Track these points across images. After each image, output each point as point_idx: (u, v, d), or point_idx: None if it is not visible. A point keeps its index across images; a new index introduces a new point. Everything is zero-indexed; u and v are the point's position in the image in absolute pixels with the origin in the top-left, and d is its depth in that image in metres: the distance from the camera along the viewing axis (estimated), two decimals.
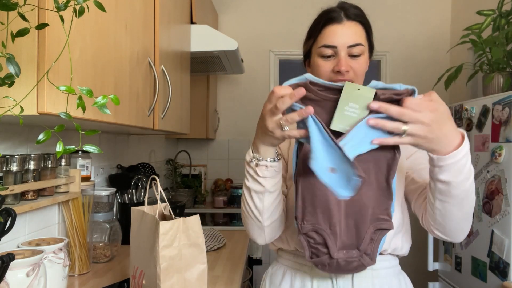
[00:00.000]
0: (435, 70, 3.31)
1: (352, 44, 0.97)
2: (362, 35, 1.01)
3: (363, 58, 1.00)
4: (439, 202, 0.87)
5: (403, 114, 0.74)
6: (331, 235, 0.88)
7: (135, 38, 1.24)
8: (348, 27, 0.98)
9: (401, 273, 1.07)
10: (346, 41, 0.97)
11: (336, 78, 0.97)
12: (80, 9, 0.70)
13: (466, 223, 0.93)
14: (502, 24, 2.11)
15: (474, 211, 2.05)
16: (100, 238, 1.52)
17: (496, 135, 1.87)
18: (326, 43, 0.99)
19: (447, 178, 0.82)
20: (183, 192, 2.95)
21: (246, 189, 0.95)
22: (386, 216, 0.89)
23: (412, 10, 3.35)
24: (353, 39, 0.98)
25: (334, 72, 0.98)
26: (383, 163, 0.85)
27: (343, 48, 0.97)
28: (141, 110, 1.30)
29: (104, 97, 0.71)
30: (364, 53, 1.01)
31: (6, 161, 1.04)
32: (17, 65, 0.67)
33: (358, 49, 0.98)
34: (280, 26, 3.35)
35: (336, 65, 0.97)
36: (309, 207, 0.88)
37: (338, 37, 0.98)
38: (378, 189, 0.87)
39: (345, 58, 0.97)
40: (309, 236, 0.89)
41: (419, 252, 3.30)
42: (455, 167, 0.80)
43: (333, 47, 0.98)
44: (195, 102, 2.86)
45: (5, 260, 0.81)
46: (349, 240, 0.89)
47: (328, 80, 0.93)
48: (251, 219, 0.96)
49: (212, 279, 1.36)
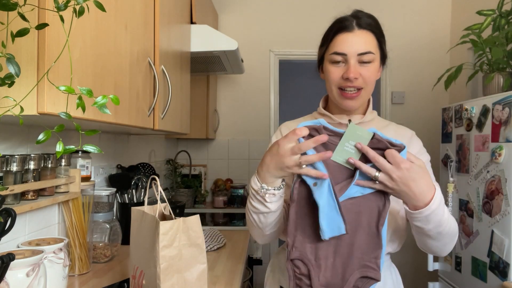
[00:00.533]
0: (435, 70, 3.31)
1: (362, 52, 1.01)
2: (373, 44, 1.03)
3: (373, 66, 1.03)
4: (416, 234, 0.98)
5: (376, 160, 0.83)
6: (315, 268, 0.90)
7: (135, 38, 1.24)
8: (359, 36, 1.02)
9: (392, 265, 1.14)
10: (356, 49, 1.01)
11: (345, 84, 1.02)
12: (80, 9, 0.70)
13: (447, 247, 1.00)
14: (502, 24, 2.11)
15: (474, 211, 2.05)
16: (100, 238, 1.52)
17: (496, 135, 1.87)
18: (337, 50, 1.02)
19: (418, 224, 0.91)
20: (183, 192, 2.95)
21: (252, 208, 0.99)
22: (374, 265, 0.90)
23: (412, 10, 3.35)
24: (363, 47, 1.01)
25: (343, 78, 1.02)
26: (374, 210, 0.89)
27: (353, 56, 1.01)
28: (141, 110, 1.30)
29: (104, 97, 0.71)
30: (374, 61, 1.03)
31: (6, 161, 1.04)
32: (17, 65, 0.67)
33: (368, 57, 1.01)
34: (280, 26, 3.35)
35: (345, 72, 1.01)
36: (300, 236, 0.91)
37: (348, 44, 1.01)
38: (369, 234, 0.90)
39: (354, 65, 1.01)
40: (295, 264, 0.92)
41: (419, 252, 3.30)
42: (424, 219, 0.89)
43: (343, 54, 1.01)
44: (195, 102, 2.86)
45: (5, 260, 0.81)
46: (333, 279, 0.90)
47: (337, 86, 1.04)
48: (254, 227, 1.04)
49: (212, 279, 1.36)
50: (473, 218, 2.06)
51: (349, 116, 1.11)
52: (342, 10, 1.12)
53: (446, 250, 1.01)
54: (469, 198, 2.10)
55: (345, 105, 1.06)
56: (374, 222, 0.89)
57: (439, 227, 0.92)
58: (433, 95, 3.32)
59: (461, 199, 2.19)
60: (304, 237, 0.91)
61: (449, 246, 1.00)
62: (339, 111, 1.12)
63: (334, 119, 1.10)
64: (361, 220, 0.89)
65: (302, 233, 0.91)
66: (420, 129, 3.36)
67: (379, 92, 3.42)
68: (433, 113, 3.35)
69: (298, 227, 0.92)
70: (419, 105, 3.38)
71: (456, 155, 2.26)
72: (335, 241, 0.90)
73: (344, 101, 1.05)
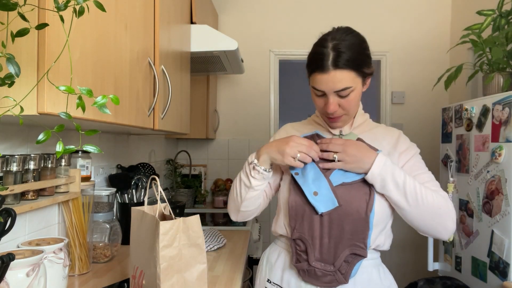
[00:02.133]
0: (435, 70, 3.31)
1: (338, 89, 1.06)
2: (349, 79, 1.05)
3: (352, 95, 1.08)
4: (397, 209, 1.10)
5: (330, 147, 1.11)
6: (312, 246, 1.09)
7: (135, 38, 1.24)
8: (334, 76, 1.04)
9: (381, 265, 1.18)
10: (331, 88, 1.06)
11: (328, 116, 1.12)
12: (80, 9, 0.70)
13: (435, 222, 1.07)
14: (502, 24, 2.11)
15: (474, 211, 2.05)
16: (100, 238, 1.52)
17: (496, 135, 1.87)
18: (315, 87, 1.09)
19: (381, 191, 1.07)
20: (183, 192, 2.95)
21: (239, 177, 1.18)
22: (362, 244, 1.07)
23: (412, 10, 3.35)
24: (339, 86, 1.05)
25: (325, 110, 1.11)
26: (362, 198, 1.07)
27: (330, 93, 1.07)
28: (141, 110, 1.30)
29: (104, 97, 0.71)
30: (354, 91, 1.08)
31: (6, 161, 1.04)
32: (17, 65, 0.67)
33: (345, 92, 1.06)
34: (280, 26, 3.35)
35: (325, 105, 1.09)
36: (299, 220, 1.11)
37: (323, 85, 1.06)
38: (358, 219, 1.06)
39: (333, 101, 1.08)
40: (297, 243, 1.11)
41: (419, 252, 3.31)
42: (379, 179, 1.06)
43: (321, 91, 1.08)
44: (195, 102, 2.86)
45: (5, 260, 0.81)
46: (327, 256, 1.08)
47: (322, 113, 1.16)
48: (233, 199, 1.21)
49: (212, 279, 1.36)
50: (473, 218, 2.06)
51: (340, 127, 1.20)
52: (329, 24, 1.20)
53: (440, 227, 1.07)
54: (469, 198, 2.10)
55: (331, 126, 1.18)
56: (362, 209, 1.06)
57: (405, 195, 1.04)
58: (433, 95, 3.32)
59: (461, 199, 2.19)
60: (302, 221, 1.10)
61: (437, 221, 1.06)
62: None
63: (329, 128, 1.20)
64: (351, 207, 1.06)
65: (301, 217, 1.10)
66: (420, 129, 3.38)
67: (379, 92, 3.42)
68: (433, 113, 3.35)
69: (297, 213, 1.11)
70: (419, 105, 3.38)
71: (456, 155, 2.26)
72: (329, 224, 1.07)
73: (331, 124, 1.17)
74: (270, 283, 1.20)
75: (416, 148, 1.19)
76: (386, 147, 1.15)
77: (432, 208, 1.05)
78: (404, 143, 1.18)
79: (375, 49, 3.35)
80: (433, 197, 1.05)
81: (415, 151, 1.17)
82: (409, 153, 1.16)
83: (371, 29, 3.33)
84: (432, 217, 1.05)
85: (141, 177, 1.89)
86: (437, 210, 1.05)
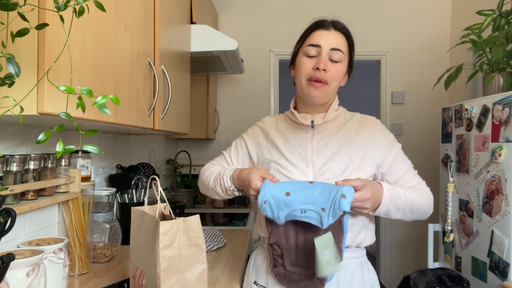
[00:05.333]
0: (435, 70, 3.31)
1: (334, 47, 1.13)
2: (344, 45, 1.15)
3: (341, 66, 1.14)
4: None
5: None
6: (287, 250, 1.08)
7: (135, 38, 1.24)
8: (333, 34, 1.14)
9: (366, 262, 1.20)
10: (329, 43, 1.13)
11: (315, 75, 1.12)
12: (80, 9, 0.70)
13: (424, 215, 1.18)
14: (502, 24, 2.11)
15: (474, 211, 2.05)
16: (100, 238, 1.52)
17: (496, 135, 1.87)
18: (312, 42, 1.14)
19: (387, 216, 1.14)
20: (183, 192, 2.95)
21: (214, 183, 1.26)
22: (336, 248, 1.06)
23: (412, 10, 3.35)
24: (336, 44, 1.13)
25: (313, 69, 1.12)
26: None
27: (326, 49, 1.12)
28: (141, 110, 1.30)
29: (104, 97, 0.71)
30: (342, 62, 1.14)
31: (6, 161, 1.04)
32: (17, 65, 0.67)
33: (338, 54, 1.13)
34: (280, 26, 3.35)
35: (317, 63, 1.12)
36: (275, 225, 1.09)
37: (323, 38, 1.13)
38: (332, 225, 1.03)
39: (325, 58, 1.12)
40: (273, 247, 1.11)
41: (419, 252, 3.31)
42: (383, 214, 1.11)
43: (317, 46, 1.13)
44: (195, 102, 2.86)
45: (5, 260, 0.81)
46: (302, 261, 1.07)
47: (306, 77, 1.14)
48: (203, 184, 1.33)
49: (212, 279, 1.36)
50: (473, 218, 2.06)
51: (313, 116, 1.19)
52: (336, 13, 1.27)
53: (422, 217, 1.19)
54: (469, 198, 2.10)
55: (311, 94, 1.14)
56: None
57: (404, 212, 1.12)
58: (433, 95, 3.32)
59: (461, 199, 2.19)
60: (278, 226, 1.09)
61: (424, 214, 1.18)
62: (305, 109, 1.22)
63: (298, 119, 1.20)
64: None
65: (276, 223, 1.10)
66: (420, 129, 3.38)
67: (379, 92, 3.42)
68: (433, 113, 3.35)
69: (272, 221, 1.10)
70: (419, 105, 3.38)
71: (456, 155, 2.26)
72: (303, 229, 1.06)
73: (311, 90, 1.14)
74: (257, 285, 1.21)
75: (396, 141, 1.22)
76: (362, 142, 1.16)
77: (422, 209, 1.16)
78: (386, 138, 1.20)
79: (375, 49, 3.36)
80: (424, 200, 1.16)
81: (397, 146, 1.21)
82: (393, 149, 1.19)
83: (371, 29, 3.33)
84: (421, 214, 1.17)
85: (141, 177, 1.89)
86: (427, 209, 1.17)
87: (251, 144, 1.30)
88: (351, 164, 1.13)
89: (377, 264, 3.35)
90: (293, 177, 1.14)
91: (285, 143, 1.21)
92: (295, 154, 1.17)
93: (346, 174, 1.12)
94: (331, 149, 1.15)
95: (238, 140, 1.35)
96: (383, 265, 3.33)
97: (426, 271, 2.06)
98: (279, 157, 1.19)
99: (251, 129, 1.34)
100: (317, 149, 1.16)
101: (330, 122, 1.20)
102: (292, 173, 1.15)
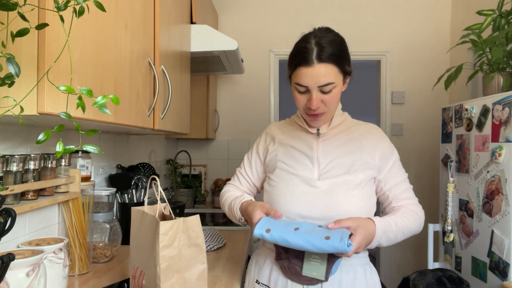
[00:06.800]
0: (435, 70, 3.31)
1: (322, 84, 1.08)
2: (332, 74, 1.09)
3: (334, 91, 1.11)
4: None
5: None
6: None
7: (135, 38, 1.24)
8: (318, 70, 1.07)
9: (368, 264, 1.22)
10: (316, 82, 1.08)
11: (309, 112, 1.13)
12: (80, 9, 0.70)
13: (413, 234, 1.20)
14: (502, 24, 2.11)
15: (474, 211, 2.05)
16: (100, 238, 1.52)
17: (496, 135, 1.87)
18: (299, 82, 1.10)
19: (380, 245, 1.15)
20: (183, 192, 2.95)
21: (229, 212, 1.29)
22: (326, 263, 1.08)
23: (412, 10, 3.35)
24: (323, 80, 1.08)
25: (307, 106, 1.12)
26: None
27: (314, 88, 1.09)
28: (141, 110, 1.30)
29: (104, 97, 0.71)
30: (336, 87, 1.11)
31: (6, 161, 1.04)
32: (17, 65, 0.67)
33: (328, 87, 1.09)
34: (280, 26, 3.35)
35: (308, 101, 1.11)
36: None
37: (308, 79, 1.08)
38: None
39: (316, 96, 1.09)
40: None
41: (419, 252, 3.31)
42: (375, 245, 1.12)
43: (305, 86, 1.10)
44: (195, 102, 2.86)
45: (5, 260, 0.81)
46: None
47: (303, 111, 1.16)
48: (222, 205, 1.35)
49: (212, 279, 1.36)
50: (473, 218, 2.06)
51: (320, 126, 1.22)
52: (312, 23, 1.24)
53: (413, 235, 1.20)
54: (469, 198, 2.10)
55: (311, 124, 1.19)
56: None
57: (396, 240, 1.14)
58: (433, 95, 3.32)
59: (461, 199, 2.19)
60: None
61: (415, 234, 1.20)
62: None
63: (305, 126, 1.22)
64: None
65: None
66: (420, 129, 3.38)
67: (379, 92, 3.42)
68: (433, 113, 3.35)
69: None
70: (419, 105, 3.38)
71: (456, 155, 2.26)
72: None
73: (311, 121, 1.18)
74: (259, 283, 1.22)
75: (395, 152, 1.24)
76: (365, 144, 1.19)
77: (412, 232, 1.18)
78: (387, 147, 1.22)
79: (375, 49, 3.36)
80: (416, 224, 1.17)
81: (396, 156, 1.23)
82: (391, 158, 1.21)
83: (371, 29, 3.33)
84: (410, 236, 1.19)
85: (141, 177, 1.89)
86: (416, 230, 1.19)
87: (262, 152, 1.32)
88: (354, 163, 1.16)
89: (377, 264, 3.35)
90: (298, 174, 1.17)
91: (291, 143, 1.24)
92: (301, 153, 1.21)
93: (350, 172, 1.15)
94: (336, 149, 1.19)
95: (249, 153, 1.38)
96: (383, 265, 3.33)
97: (426, 272, 2.06)
98: (285, 157, 1.22)
99: (259, 138, 1.36)
100: (322, 149, 1.20)
101: (335, 128, 1.23)
102: (298, 170, 1.18)
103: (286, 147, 1.24)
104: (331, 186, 1.13)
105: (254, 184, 1.35)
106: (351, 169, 1.15)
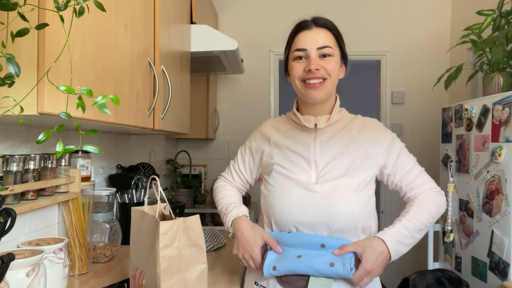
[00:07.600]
0: (435, 70, 3.31)
1: (321, 46, 1.11)
2: (330, 39, 1.13)
3: (333, 59, 1.12)
4: None
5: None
6: None
7: (135, 38, 1.24)
8: (317, 32, 1.12)
9: None
10: (315, 43, 1.11)
11: (308, 76, 1.11)
12: (80, 9, 0.70)
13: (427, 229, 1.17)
14: (502, 24, 2.11)
15: (474, 211, 2.05)
16: (100, 238, 1.52)
17: (496, 135, 1.87)
18: (298, 47, 1.13)
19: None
20: (183, 192, 2.95)
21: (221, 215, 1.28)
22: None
23: (412, 10, 3.35)
24: (322, 42, 1.11)
25: (305, 71, 1.11)
26: None
27: (313, 50, 1.11)
28: (141, 110, 1.30)
29: (104, 97, 0.71)
30: (334, 55, 1.12)
31: (6, 161, 1.04)
32: (17, 65, 0.67)
33: (327, 50, 1.11)
34: (280, 26, 3.35)
35: (307, 65, 1.10)
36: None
37: (307, 40, 1.12)
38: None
39: (315, 58, 1.10)
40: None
41: (419, 252, 3.31)
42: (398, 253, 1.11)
43: (303, 49, 1.11)
44: (195, 102, 2.86)
45: (5, 260, 0.81)
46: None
47: (300, 79, 1.13)
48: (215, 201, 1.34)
49: (212, 279, 1.36)
50: (473, 218, 2.06)
51: (316, 119, 1.18)
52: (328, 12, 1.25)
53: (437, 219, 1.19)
54: (469, 198, 2.10)
55: (310, 96, 1.13)
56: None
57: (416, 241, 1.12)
58: (433, 95, 3.32)
59: (461, 199, 2.19)
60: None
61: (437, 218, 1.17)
62: (307, 111, 1.20)
63: (301, 122, 1.18)
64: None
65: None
66: (420, 129, 3.38)
67: (379, 92, 3.42)
68: (433, 113, 3.35)
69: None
70: (419, 105, 3.38)
71: (456, 155, 2.26)
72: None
73: (309, 92, 1.12)
74: (257, 285, 1.21)
75: (398, 140, 1.20)
76: (363, 143, 1.16)
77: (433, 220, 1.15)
78: (387, 137, 1.19)
79: (375, 49, 3.36)
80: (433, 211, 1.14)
81: (399, 145, 1.19)
82: (394, 148, 1.17)
83: (371, 29, 3.33)
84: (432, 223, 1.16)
85: (141, 177, 1.89)
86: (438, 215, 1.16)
87: (255, 151, 1.29)
88: (353, 165, 1.13)
89: None
90: (295, 178, 1.13)
91: (287, 144, 1.20)
92: (298, 155, 1.17)
93: (349, 174, 1.11)
94: (333, 150, 1.15)
95: (242, 148, 1.34)
96: None
97: (425, 273, 2.06)
98: (282, 159, 1.18)
99: (253, 135, 1.32)
100: (320, 150, 1.16)
101: (333, 124, 1.19)
102: (295, 174, 1.14)
103: (282, 149, 1.20)
104: (329, 190, 1.10)
105: (246, 180, 1.34)
106: (349, 170, 1.12)
